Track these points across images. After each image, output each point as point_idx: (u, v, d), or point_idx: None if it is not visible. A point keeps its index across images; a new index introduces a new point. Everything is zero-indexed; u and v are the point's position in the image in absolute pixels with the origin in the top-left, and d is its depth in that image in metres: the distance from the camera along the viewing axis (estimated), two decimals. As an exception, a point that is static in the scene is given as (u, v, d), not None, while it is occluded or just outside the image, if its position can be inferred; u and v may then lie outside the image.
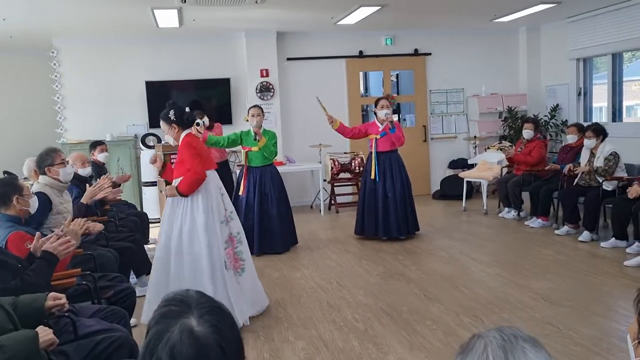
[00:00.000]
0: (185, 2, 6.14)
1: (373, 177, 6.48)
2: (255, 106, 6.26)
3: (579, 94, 8.92)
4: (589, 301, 4.36)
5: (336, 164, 8.52)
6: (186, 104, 4.46)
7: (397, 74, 11.26)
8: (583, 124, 7.23)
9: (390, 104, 6.67)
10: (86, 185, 4.93)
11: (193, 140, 4.15)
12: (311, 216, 8.40)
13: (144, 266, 4.90)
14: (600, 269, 5.17)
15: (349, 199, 8.88)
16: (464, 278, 5.10)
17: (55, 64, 8.40)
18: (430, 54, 9.58)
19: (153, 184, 8.20)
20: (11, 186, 3.34)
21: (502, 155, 7.96)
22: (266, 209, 6.19)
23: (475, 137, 9.35)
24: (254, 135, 6.08)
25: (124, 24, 7.40)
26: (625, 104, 9.06)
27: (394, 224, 6.48)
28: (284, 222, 6.30)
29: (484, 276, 5.14)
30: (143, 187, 8.37)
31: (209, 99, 8.67)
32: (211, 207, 4.10)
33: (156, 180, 8.07)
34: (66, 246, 2.91)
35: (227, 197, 4.37)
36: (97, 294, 3.27)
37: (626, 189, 5.68)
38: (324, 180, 8.69)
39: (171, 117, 4.07)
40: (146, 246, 5.44)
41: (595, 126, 6.40)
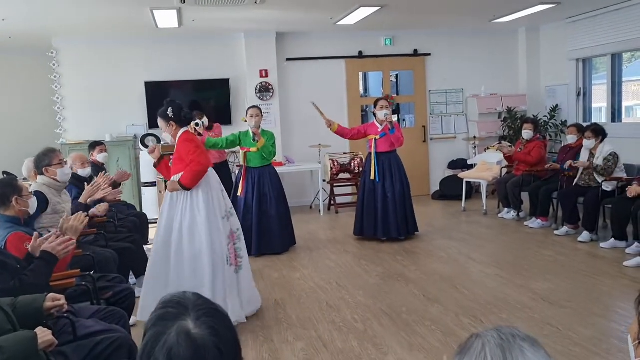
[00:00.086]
0: (184, 2, 6.14)
1: (373, 178, 6.48)
2: (254, 107, 6.25)
3: (579, 94, 8.92)
4: (588, 302, 4.36)
5: (336, 164, 8.52)
6: (186, 105, 4.46)
7: (397, 75, 11.27)
8: (582, 124, 7.23)
9: (390, 105, 6.67)
10: (84, 185, 4.92)
11: (191, 137, 4.15)
12: (311, 217, 8.39)
13: (143, 267, 4.88)
14: (599, 270, 5.17)
15: (348, 199, 8.88)
16: (464, 278, 5.10)
17: (54, 64, 8.40)
18: (429, 54, 9.58)
19: (152, 184, 8.19)
20: (10, 187, 3.33)
21: (501, 156, 7.95)
22: (265, 209, 6.18)
23: (475, 137, 9.35)
24: (252, 136, 6.08)
25: (123, 24, 7.40)
26: (624, 104, 9.06)
27: (393, 224, 6.48)
28: (283, 223, 6.30)
29: (483, 277, 5.14)
30: (142, 188, 8.36)
31: (208, 99, 8.67)
32: (212, 202, 4.09)
33: (155, 181, 8.07)
34: (65, 246, 2.91)
35: (226, 194, 4.37)
36: (97, 294, 3.27)
37: (625, 189, 5.68)
38: (324, 181, 8.69)
39: (169, 115, 4.07)
40: (145, 247, 5.44)
41: (595, 126, 6.40)
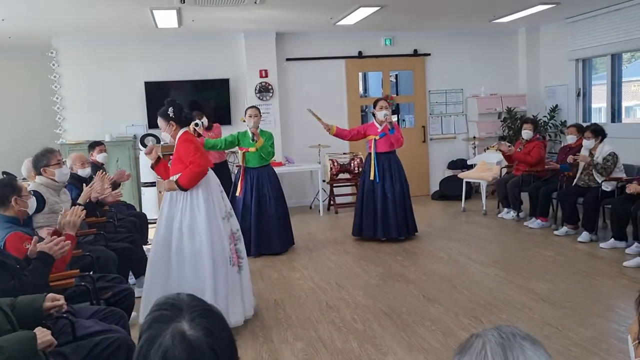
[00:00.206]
0: (184, 2, 6.14)
1: (372, 178, 6.47)
2: (253, 107, 6.25)
3: (578, 94, 8.92)
4: (588, 302, 4.36)
5: (335, 164, 8.52)
6: (185, 105, 4.45)
7: (397, 75, 11.26)
8: (582, 124, 7.23)
9: (389, 105, 6.67)
10: (83, 186, 4.92)
11: (191, 137, 4.15)
12: (310, 217, 8.39)
13: (143, 267, 4.87)
14: (599, 270, 5.17)
15: (348, 199, 8.87)
16: (463, 279, 5.10)
17: (54, 64, 8.39)
18: (429, 54, 9.58)
19: (152, 184, 8.19)
20: (10, 187, 3.33)
21: (501, 156, 7.95)
22: (264, 209, 6.18)
23: (475, 137, 9.35)
24: (251, 136, 6.07)
25: (123, 24, 7.40)
26: (624, 104, 9.05)
27: (393, 224, 6.47)
28: (282, 223, 6.29)
29: (483, 277, 5.14)
30: (142, 188, 8.36)
31: (208, 99, 8.66)
32: (212, 202, 4.09)
33: (155, 181, 8.06)
34: (61, 245, 2.91)
35: (225, 195, 4.37)
36: (96, 294, 3.27)
37: (625, 189, 5.68)
38: (323, 181, 8.68)
39: (170, 114, 4.06)
40: (145, 247, 5.43)
41: (594, 127, 6.40)
